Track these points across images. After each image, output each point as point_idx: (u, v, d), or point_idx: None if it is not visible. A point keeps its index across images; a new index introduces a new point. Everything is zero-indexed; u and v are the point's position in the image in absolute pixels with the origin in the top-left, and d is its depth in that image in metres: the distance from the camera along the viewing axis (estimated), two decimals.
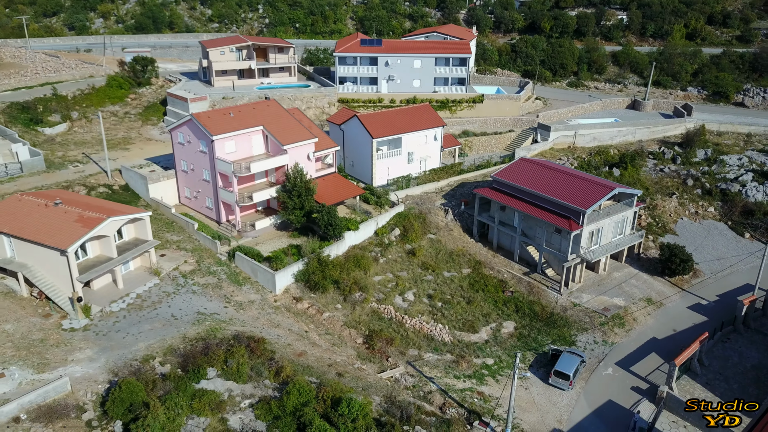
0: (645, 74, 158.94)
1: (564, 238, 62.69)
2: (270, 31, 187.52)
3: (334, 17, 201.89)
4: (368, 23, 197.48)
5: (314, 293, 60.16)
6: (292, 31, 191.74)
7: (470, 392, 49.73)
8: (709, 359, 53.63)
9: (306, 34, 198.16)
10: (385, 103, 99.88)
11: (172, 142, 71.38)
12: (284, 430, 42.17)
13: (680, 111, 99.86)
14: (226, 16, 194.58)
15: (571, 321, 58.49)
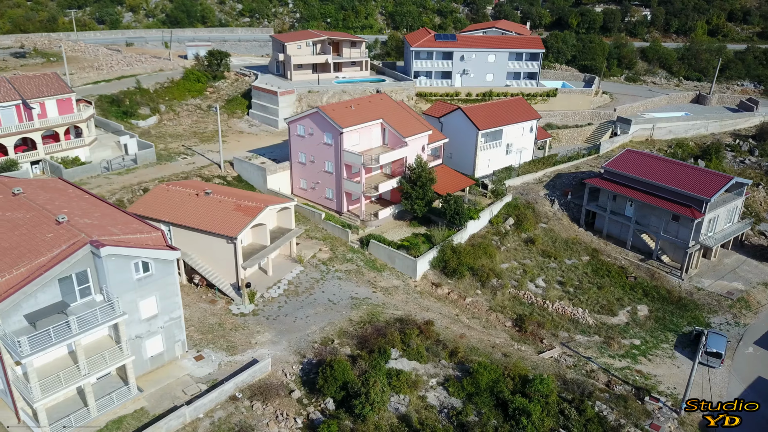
0: (674, 69, 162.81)
1: (683, 225, 65.40)
2: (301, 26, 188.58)
3: (365, 12, 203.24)
4: (399, 18, 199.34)
5: (451, 279, 62.44)
6: (324, 25, 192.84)
7: (629, 371, 52.31)
8: None
9: (338, 29, 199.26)
10: (462, 97, 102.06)
11: (290, 134, 73.08)
12: (481, 406, 44.41)
13: (747, 105, 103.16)
14: (257, 11, 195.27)
15: (700, 304, 61.31)
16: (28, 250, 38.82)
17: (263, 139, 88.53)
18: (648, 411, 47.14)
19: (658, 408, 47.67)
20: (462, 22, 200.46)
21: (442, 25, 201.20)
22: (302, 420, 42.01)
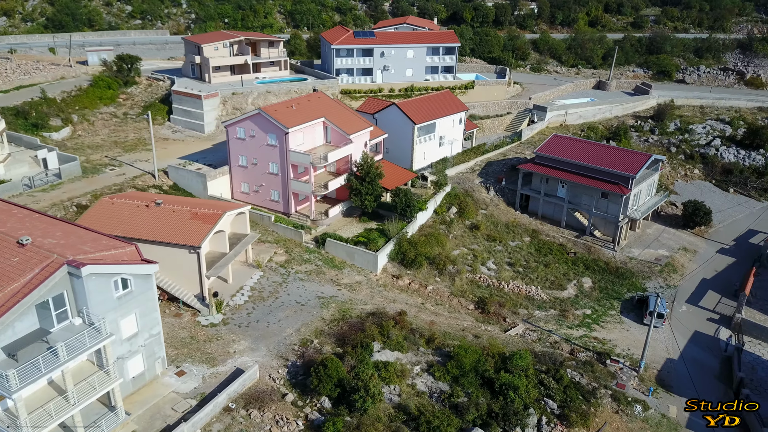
0: (563, 59, 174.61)
1: (612, 201, 70.98)
2: (199, 27, 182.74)
3: (264, 11, 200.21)
4: (299, 17, 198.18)
5: (410, 270, 64.04)
6: (222, 26, 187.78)
7: (587, 338, 56.40)
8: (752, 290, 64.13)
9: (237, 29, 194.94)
10: (385, 93, 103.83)
11: (228, 137, 71.41)
12: (468, 387, 46.38)
13: (642, 89, 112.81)
14: (149, 12, 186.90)
15: (635, 272, 66.97)
16: None
17: (191, 145, 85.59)
18: (611, 372, 51.23)
19: (619, 369, 51.89)
20: (362, 19, 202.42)
21: (343, 22, 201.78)
22: (302, 422, 41.93)
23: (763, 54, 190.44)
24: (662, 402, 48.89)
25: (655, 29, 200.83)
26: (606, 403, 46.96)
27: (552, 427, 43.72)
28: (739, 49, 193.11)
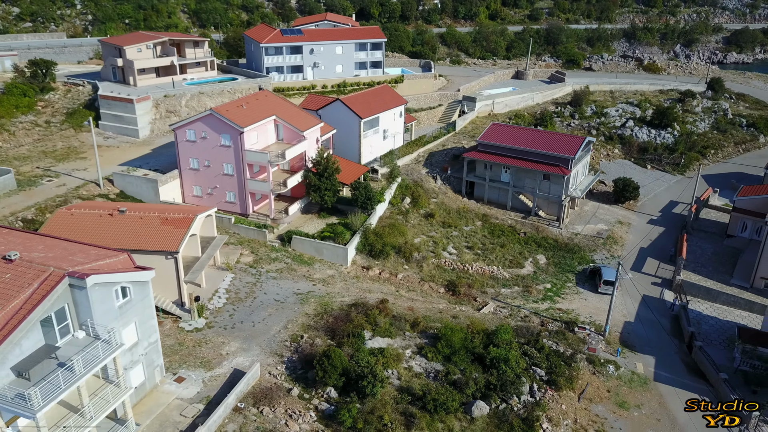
0: (470, 51, 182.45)
1: (554, 182, 75.93)
2: (98, 29, 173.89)
3: (167, 11, 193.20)
4: (205, 16, 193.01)
5: (378, 260, 65.54)
6: (123, 26, 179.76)
7: (553, 310, 60.46)
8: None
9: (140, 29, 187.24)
10: (318, 89, 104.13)
11: (176, 140, 69.53)
12: (460, 364, 48.70)
13: (558, 77, 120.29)
14: (39, 14, 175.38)
15: (581, 246, 72.14)
16: None
17: (129, 151, 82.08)
18: (581, 338, 55.39)
19: (587, 335, 56.16)
20: (270, 17, 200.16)
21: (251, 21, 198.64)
22: (314, 413, 42.50)
23: (645, 42, 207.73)
24: (629, 360, 53.58)
25: (551, 21, 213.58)
26: (583, 366, 50.87)
27: (543, 392, 46.89)
28: (625, 38, 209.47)
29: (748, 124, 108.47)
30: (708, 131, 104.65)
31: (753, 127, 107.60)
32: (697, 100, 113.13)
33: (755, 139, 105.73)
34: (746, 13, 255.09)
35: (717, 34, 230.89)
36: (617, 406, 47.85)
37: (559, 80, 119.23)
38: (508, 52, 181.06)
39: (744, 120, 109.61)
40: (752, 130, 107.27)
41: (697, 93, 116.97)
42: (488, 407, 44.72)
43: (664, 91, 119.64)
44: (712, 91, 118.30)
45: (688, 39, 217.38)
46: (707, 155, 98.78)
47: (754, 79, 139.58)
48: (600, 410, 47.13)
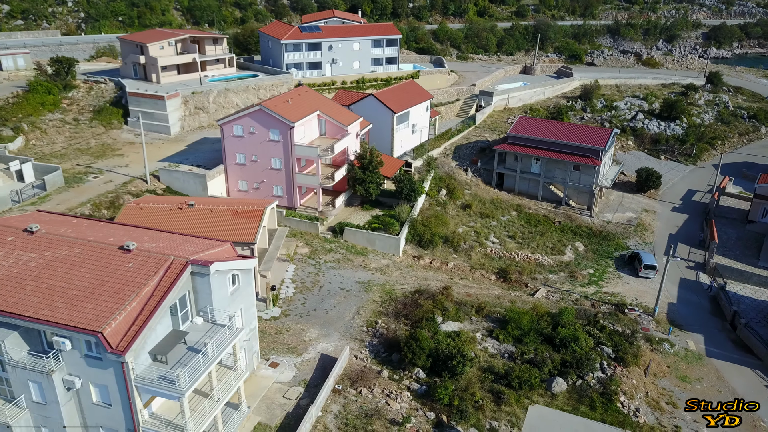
0: (462, 47, 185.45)
1: (584, 173, 78.87)
2: (92, 27, 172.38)
3: (160, 8, 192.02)
4: (199, 13, 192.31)
5: (427, 249, 67.61)
6: (118, 24, 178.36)
7: (600, 294, 63.30)
8: None
9: (134, 27, 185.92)
10: (337, 85, 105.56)
11: (223, 136, 70.53)
12: (531, 343, 51.11)
13: (565, 72, 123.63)
14: (31, 12, 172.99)
15: (615, 233, 75.17)
16: (120, 283, 35.12)
17: (162, 148, 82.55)
18: (633, 319, 58.30)
19: (636, 316, 59.09)
20: (263, 14, 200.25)
21: (245, 18, 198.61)
22: (408, 393, 44.46)
23: (629, 37, 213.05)
24: (680, 338, 56.65)
25: (537, 18, 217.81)
26: (642, 344, 53.70)
27: (613, 369, 49.56)
28: (609, 33, 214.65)
29: (749, 115, 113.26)
30: (713, 123, 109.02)
31: (754, 119, 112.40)
32: (699, 93, 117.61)
33: (757, 129, 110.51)
34: (722, 10, 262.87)
35: (696, 29, 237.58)
36: (680, 380, 50.79)
37: (567, 75, 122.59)
38: (499, 48, 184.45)
39: (745, 112, 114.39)
40: (754, 121, 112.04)
41: (698, 86, 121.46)
42: (566, 383, 47.23)
43: (666, 84, 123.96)
44: (712, 85, 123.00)
45: (670, 35, 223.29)
46: (715, 146, 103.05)
47: (746, 73, 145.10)
48: (665, 384, 50.00)
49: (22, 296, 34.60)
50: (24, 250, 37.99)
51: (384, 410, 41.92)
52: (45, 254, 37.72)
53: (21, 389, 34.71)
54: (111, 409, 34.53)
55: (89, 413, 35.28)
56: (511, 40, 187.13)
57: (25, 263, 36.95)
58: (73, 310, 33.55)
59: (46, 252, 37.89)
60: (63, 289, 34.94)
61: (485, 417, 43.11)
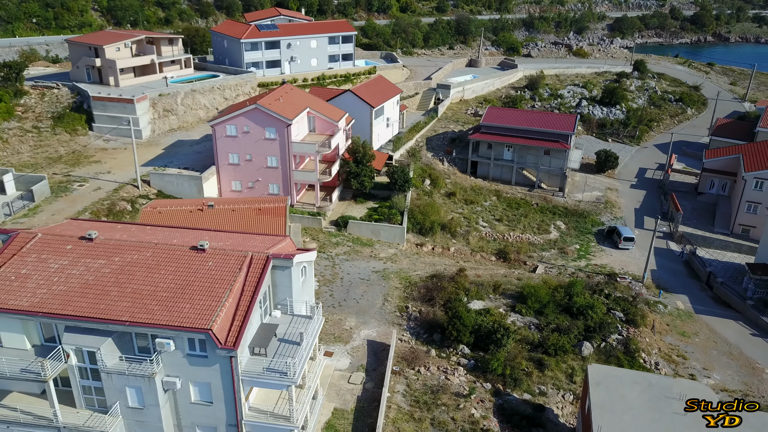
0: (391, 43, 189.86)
1: (554, 157, 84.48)
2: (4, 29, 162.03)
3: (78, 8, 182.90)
4: (120, 13, 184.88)
5: (427, 237, 70.42)
6: (33, 26, 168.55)
7: (590, 266, 68.63)
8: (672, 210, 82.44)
9: (51, 30, 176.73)
10: (299, 83, 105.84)
11: (215, 136, 70.01)
12: (551, 314, 55.26)
13: (508, 64, 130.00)
14: None
15: (588, 211, 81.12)
16: (209, 282, 35.62)
17: (139, 153, 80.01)
18: (626, 286, 63.91)
19: (628, 283, 64.79)
20: (188, 14, 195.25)
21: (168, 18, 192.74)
22: (461, 368, 47.21)
23: (542, 30, 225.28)
24: (669, 300, 62.80)
25: (458, 12, 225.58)
26: (643, 307, 59.23)
27: (627, 330, 54.57)
28: (524, 27, 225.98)
29: (676, 99, 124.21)
30: (646, 107, 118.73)
31: (681, 102, 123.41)
32: (630, 80, 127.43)
33: (684, 111, 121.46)
34: (622, 2, 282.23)
35: (602, 21, 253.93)
36: (681, 336, 56.65)
37: (511, 67, 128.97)
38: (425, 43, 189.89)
39: (671, 96, 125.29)
40: (680, 104, 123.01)
41: (628, 74, 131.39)
42: (592, 347, 51.67)
43: (599, 73, 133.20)
44: (638, 72, 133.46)
45: (579, 27, 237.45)
46: (652, 128, 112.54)
47: (663, 61, 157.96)
48: (670, 340, 55.64)
49: (111, 302, 34.29)
50: (90, 258, 37.32)
51: (446, 385, 44.46)
52: (114, 260, 37.27)
53: (115, 396, 34.39)
54: (211, 406, 34.95)
55: (185, 413, 35.49)
56: (436, 34, 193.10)
57: (97, 270, 36.41)
58: (170, 311, 33.72)
59: (114, 257, 37.43)
60: (151, 292, 34.90)
61: (533, 383, 46.65)
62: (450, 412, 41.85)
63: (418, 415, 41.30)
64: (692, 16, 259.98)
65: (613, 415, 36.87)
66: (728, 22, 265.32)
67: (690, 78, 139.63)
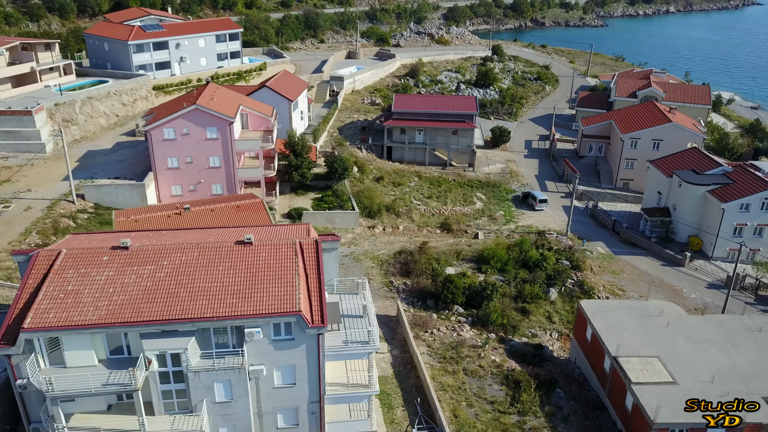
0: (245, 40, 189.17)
1: (461, 136, 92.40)
2: None
3: None
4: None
5: (375, 219, 74.38)
6: None
7: (519, 227, 77.28)
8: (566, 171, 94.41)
9: None
10: (194, 84, 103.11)
11: (151, 141, 67.68)
12: (512, 270, 62.48)
13: (385, 54, 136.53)
14: None
15: (498, 181, 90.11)
16: (273, 270, 37.19)
17: (51, 168, 73.91)
18: (555, 240, 73.33)
19: (555, 238, 74.29)
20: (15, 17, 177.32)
21: None
22: (464, 324, 52.38)
23: (386, 21, 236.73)
24: (592, 247, 73.23)
25: (304, 7, 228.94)
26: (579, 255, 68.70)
27: (575, 274, 63.38)
28: (368, 19, 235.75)
29: (535, 78, 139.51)
30: (512, 86, 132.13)
31: (539, 80, 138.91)
32: (493, 63, 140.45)
33: (544, 89, 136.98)
34: None
35: (437, 11, 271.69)
36: (612, 274, 66.92)
37: (389, 57, 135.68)
38: (278, 38, 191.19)
39: (530, 75, 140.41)
40: (539, 82, 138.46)
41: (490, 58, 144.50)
42: (556, 292, 59.66)
43: (466, 58, 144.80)
44: (497, 56, 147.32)
45: (418, 17, 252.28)
46: (523, 104, 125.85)
47: (512, 45, 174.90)
48: (607, 278, 65.61)
49: (184, 303, 34.50)
50: (136, 265, 36.80)
51: (461, 340, 49.43)
52: (164, 264, 37.13)
53: (201, 394, 34.71)
54: (294, 388, 36.60)
55: (267, 399, 36.71)
56: (288, 30, 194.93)
57: (151, 276, 36.14)
58: (250, 302, 34.84)
59: (163, 261, 37.27)
60: (220, 288, 35.56)
61: (525, 328, 53.29)
62: (475, 361, 46.91)
63: (451, 368, 45.86)
64: (512, 3, 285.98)
65: (618, 334, 44.40)
66: (541, 9, 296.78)
67: (539, 59, 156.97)
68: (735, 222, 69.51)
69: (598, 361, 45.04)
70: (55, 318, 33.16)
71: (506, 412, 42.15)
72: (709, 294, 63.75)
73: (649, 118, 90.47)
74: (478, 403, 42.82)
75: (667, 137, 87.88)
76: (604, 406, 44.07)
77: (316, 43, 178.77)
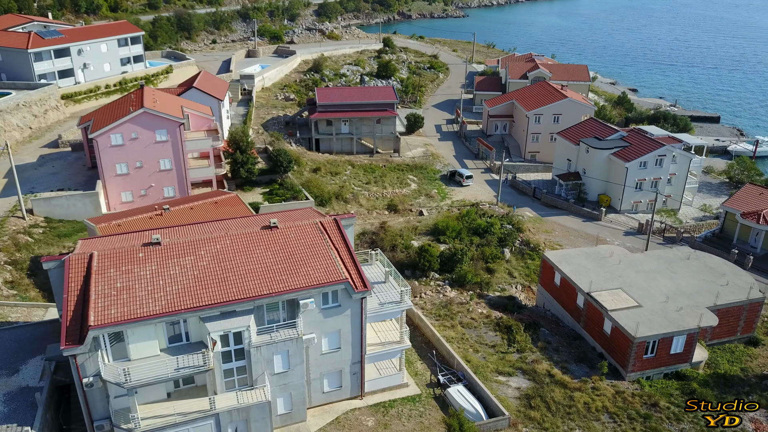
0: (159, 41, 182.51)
1: (385, 124, 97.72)
2: None
3: None
4: None
5: (327, 207, 77.69)
6: None
7: (455, 201, 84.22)
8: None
9: None
10: (102, 91, 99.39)
11: (97, 149, 66.24)
12: (466, 238, 69.10)
13: (285, 51, 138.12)
14: None
15: (424, 164, 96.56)
16: (308, 247, 40.56)
17: None
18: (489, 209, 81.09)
19: (488, 207, 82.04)
20: None
21: None
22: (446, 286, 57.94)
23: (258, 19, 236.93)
24: (521, 212, 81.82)
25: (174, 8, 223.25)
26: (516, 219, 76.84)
27: (520, 235, 71.26)
28: (241, 18, 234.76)
29: (428, 67, 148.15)
30: (410, 76, 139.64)
31: (433, 69, 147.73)
32: (387, 55, 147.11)
33: (438, 77, 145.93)
34: None
35: (308, 8, 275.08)
36: (546, 233, 75.75)
37: (289, 54, 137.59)
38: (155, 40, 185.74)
39: (423, 65, 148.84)
40: (433, 70, 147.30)
41: (383, 50, 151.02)
42: (509, 252, 67.07)
43: (360, 52, 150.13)
44: (389, 48, 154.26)
45: (291, 14, 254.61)
46: (424, 93, 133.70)
47: (397, 38, 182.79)
48: (544, 237, 74.24)
49: (237, 285, 36.90)
50: (175, 257, 38.49)
51: (449, 300, 54.94)
52: (201, 254, 39.04)
53: (262, 367, 37.17)
54: (339, 352, 40.13)
55: (315, 366, 39.94)
56: (162, 32, 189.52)
57: (194, 265, 38.03)
58: (299, 276, 37.92)
59: (200, 252, 39.18)
60: (265, 268, 38.27)
61: (495, 283, 59.97)
62: (466, 315, 52.67)
63: (449, 323, 51.21)
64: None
65: (586, 276, 52.11)
66: (407, 2, 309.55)
67: (426, 49, 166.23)
68: (636, 178, 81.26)
69: (570, 300, 52.52)
70: (118, 313, 34.19)
71: (507, 351, 48.29)
72: (628, 240, 74.50)
73: (547, 96, 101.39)
74: (482, 348, 48.58)
75: (565, 111, 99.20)
76: (581, 337, 51.62)
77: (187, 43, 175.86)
